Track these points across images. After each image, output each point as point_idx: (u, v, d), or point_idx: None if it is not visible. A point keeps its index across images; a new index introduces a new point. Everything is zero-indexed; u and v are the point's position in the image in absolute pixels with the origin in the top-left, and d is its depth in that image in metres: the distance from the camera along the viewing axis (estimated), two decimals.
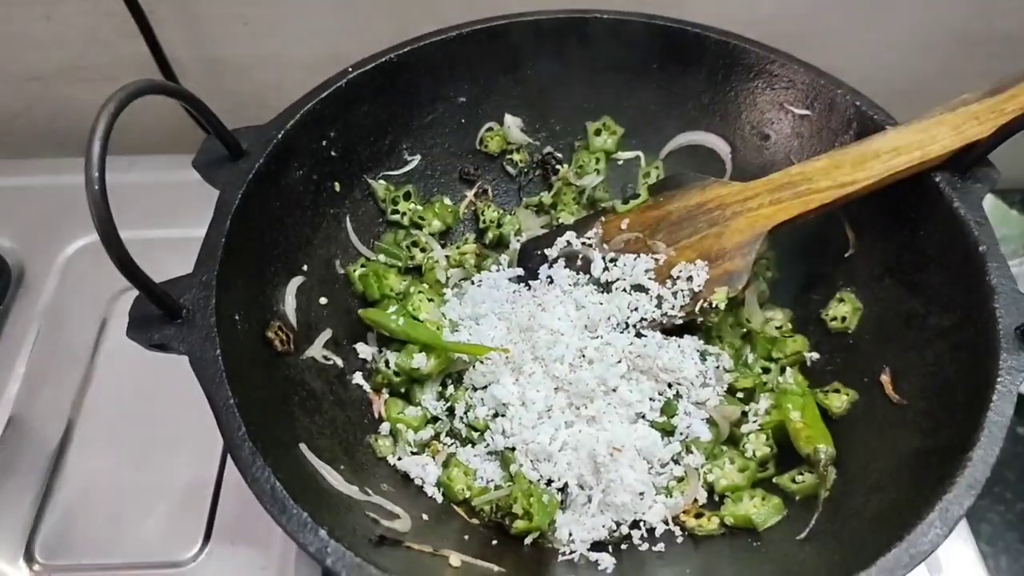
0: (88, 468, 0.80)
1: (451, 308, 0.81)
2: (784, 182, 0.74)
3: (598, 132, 0.88)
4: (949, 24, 0.98)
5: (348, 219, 0.81)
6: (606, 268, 0.80)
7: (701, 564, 0.66)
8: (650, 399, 0.74)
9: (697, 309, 0.76)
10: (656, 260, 0.79)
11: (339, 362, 0.75)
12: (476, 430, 0.75)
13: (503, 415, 0.74)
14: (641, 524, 0.69)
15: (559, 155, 0.90)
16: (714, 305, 0.75)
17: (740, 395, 0.76)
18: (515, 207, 0.90)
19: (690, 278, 0.76)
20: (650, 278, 0.78)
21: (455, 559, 0.62)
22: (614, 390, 0.73)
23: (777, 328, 0.80)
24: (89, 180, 0.49)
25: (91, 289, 0.92)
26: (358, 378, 0.76)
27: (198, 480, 0.79)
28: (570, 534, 0.68)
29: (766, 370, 0.78)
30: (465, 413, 0.75)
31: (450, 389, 0.77)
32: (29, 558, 0.75)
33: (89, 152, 0.49)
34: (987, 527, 0.86)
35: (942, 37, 1.00)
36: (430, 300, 0.80)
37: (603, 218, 0.83)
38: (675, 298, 0.77)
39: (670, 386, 0.75)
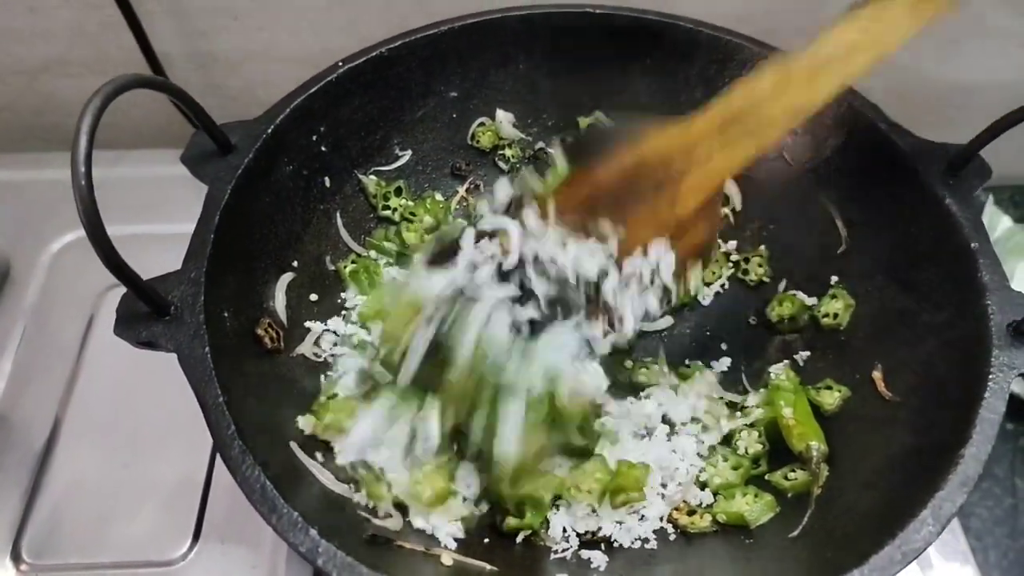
0: (76, 466, 0.79)
1: None
2: (729, 116, 0.62)
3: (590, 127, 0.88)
4: (946, 23, 0.98)
5: (338, 215, 0.81)
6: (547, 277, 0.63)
7: (694, 562, 0.66)
8: None
9: (674, 302, 0.67)
10: (605, 246, 0.63)
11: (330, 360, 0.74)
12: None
13: None
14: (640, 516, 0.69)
15: (551, 150, 0.89)
16: (694, 294, 0.71)
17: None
18: None
19: (654, 270, 0.63)
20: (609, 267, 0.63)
21: (447, 558, 0.61)
22: None
23: None
24: (75, 175, 0.48)
25: (78, 286, 0.91)
26: None
27: (187, 478, 0.78)
28: (564, 530, 0.67)
29: None
30: None
31: None
32: (16, 558, 0.74)
33: (75, 146, 0.48)
34: (976, 522, 0.86)
35: (939, 37, 0.99)
36: None
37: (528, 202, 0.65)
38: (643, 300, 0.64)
39: None
